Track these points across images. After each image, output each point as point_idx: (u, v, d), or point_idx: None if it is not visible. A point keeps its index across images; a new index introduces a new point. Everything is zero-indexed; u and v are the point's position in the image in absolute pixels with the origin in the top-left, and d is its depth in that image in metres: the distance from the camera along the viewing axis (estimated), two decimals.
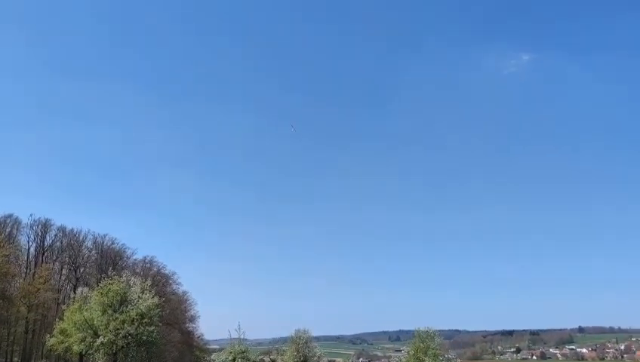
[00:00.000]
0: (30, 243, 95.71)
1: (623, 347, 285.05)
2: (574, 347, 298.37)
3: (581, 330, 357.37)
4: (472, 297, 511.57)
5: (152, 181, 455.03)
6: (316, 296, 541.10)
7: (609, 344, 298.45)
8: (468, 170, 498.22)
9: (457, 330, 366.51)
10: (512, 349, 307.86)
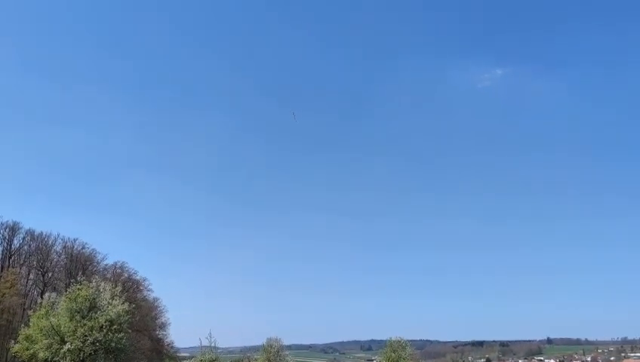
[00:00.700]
0: None
1: (589, 358, 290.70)
2: (542, 358, 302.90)
3: (549, 341, 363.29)
4: (444, 308, 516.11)
5: (124, 185, 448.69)
6: (289, 305, 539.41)
7: (576, 355, 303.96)
8: (442, 181, 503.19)
9: (429, 340, 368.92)
10: (482, 360, 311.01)
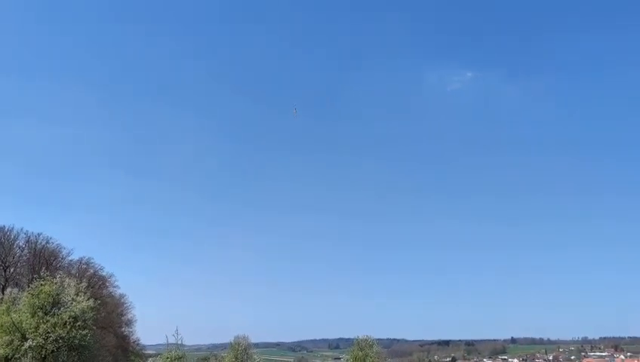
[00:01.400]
0: None
1: (551, 357, 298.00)
2: (506, 357, 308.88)
3: (513, 341, 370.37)
4: (411, 307, 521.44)
5: (92, 181, 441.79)
6: (257, 302, 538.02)
7: (538, 354, 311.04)
8: (413, 180, 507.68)
9: (396, 339, 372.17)
10: (448, 359, 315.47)
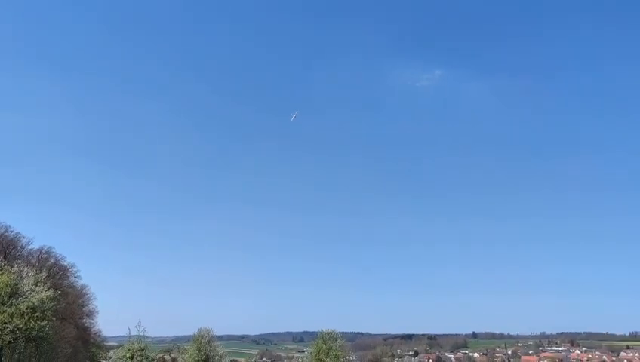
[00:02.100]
0: None
1: (510, 352, 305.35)
2: (467, 351, 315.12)
3: (474, 336, 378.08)
4: (375, 301, 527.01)
5: (57, 170, 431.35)
6: (221, 295, 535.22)
7: (498, 349, 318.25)
8: (375, 177, 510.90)
9: (360, 333, 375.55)
10: (411, 352, 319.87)
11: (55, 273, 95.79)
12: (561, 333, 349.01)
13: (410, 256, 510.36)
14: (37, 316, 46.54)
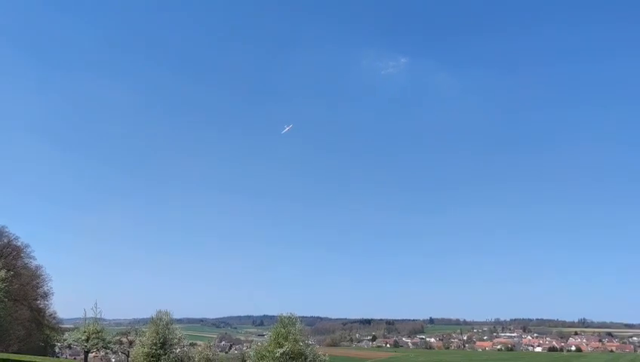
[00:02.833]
0: None
1: (466, 337, 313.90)
2: (424, 336, 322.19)
3: (431, 321, 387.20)
4: (335, 287, 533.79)
5: (12, 150, 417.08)
6: (182, 279, 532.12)
7: (454, 334, 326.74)
8: (340, 164, 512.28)
9: (319, 317, 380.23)
10: (369, 337, 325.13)
11: (8, 253, 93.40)
12: (514, 320, 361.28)
13: (369, 245, 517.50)
14: None
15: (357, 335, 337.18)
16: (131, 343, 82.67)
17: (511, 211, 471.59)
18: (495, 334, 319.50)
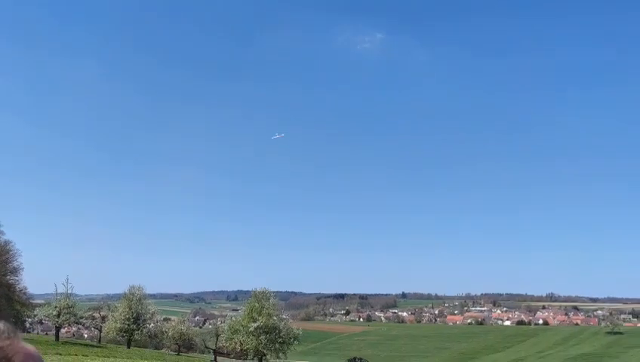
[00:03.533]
0: None
1: (437, 311, 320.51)
2: (397, 311, 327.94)
3: (404, 296, 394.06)
4: (309, 261, 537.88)
5: None
6: (155, 254, 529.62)
7: (426, 308, 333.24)
8: (312, 142, 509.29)
9: (293, 292, 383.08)
10: (343, 311, 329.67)
11: None
12: (484, 294, 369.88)
13: (343, 221, 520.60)
14: None
15: (331, 309, 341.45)
16: (104, 318, 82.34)
17: (483, 190, 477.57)
18: (466, 308, 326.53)
